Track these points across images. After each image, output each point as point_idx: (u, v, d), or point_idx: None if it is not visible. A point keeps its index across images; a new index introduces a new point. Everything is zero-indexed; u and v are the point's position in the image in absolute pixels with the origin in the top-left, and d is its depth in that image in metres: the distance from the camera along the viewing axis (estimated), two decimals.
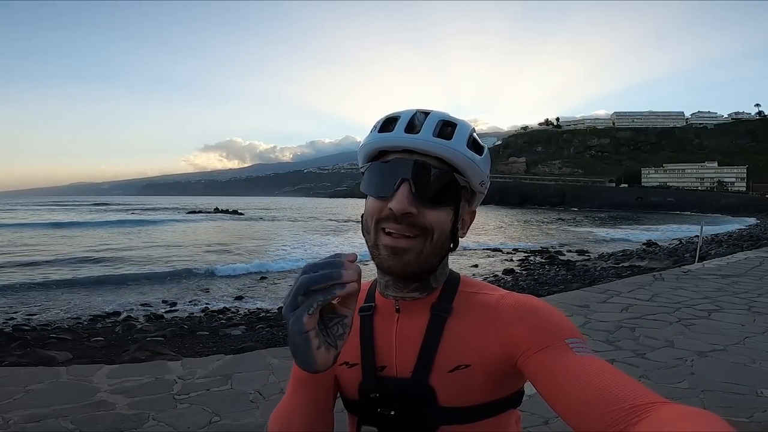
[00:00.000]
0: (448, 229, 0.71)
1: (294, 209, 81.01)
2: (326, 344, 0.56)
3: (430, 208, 0.68)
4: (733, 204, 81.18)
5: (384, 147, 0.72)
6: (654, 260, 14.97)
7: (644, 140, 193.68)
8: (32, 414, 3.11)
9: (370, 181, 0.72)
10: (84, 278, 13.32)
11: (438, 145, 0.68)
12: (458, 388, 0.69)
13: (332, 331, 0.58)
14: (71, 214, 53.43)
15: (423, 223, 0.68)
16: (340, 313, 0.59)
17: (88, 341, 6.97)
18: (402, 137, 0.69)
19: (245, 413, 3.21)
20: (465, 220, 0.76)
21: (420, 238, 0.68)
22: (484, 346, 0.69)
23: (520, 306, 0.69)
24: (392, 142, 0.70)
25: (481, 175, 0.72)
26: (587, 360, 0.59)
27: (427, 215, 0.68)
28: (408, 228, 0.67)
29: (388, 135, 0.70)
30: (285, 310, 0.56)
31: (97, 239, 25.81)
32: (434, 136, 0.68)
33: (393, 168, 0.69)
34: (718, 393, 3.49)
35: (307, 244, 24.11)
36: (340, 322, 0.58)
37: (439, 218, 0.69)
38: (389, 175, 0.69)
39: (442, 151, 0.68)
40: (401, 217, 0.67)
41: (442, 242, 0.71)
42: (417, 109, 0.72)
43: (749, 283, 7.74)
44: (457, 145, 0.69)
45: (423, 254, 0.69)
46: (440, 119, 0.70)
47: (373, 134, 0.73)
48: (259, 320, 8.65)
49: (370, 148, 0.73)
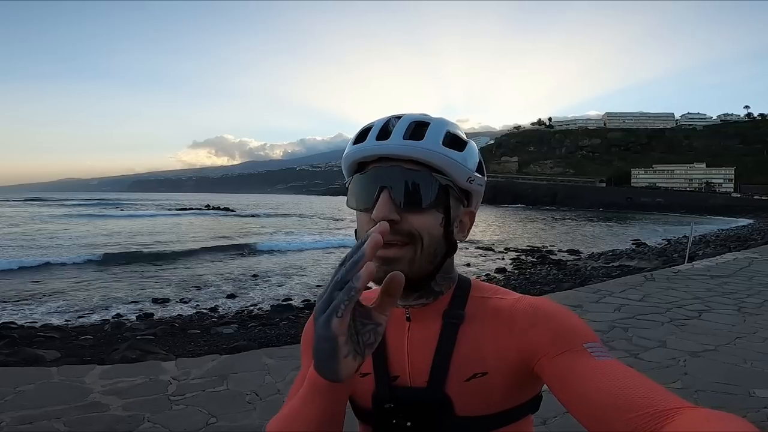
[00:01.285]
0: (439, 233, 0.68)
1: (293, 206, 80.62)
2: (354, 352, 0.51)
3: (414, 213, 0.66)
4: (721, 205, 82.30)
5: (359, 158, 0.70)
6: (643, 260, 15.15)
7: (635, 141, 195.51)
8: (24, 416, 3.06)
9: (352, 195, 0.70)
10: (72, 276, 13.16)
11: (409, 147, 0.66)
12: (476, 397, 0.67)
13: (363, 338, 0.52)
14: (60, 209, 52.66)
15: (408, 229, 0.65)
16: (375, 320, 0.53)
17: (77, 339, 6.88)
18: (373, 145, 0.68)
19: (242, 414, 3.18)
20: (464, 222, 0.73)
21: (410, 246, 0.66)
22: (501, 352, 0.67)
23: (535, 310, 0.68)
24: (365, 152, 0.69)
25: (465, 171, 0.69)
26: (608, 364, 0.58)
27: (412, 220, 0.66)
28: (394, 236, 0.65)
29: (361, 145, 0.69)
30: (317, 310, 0.50)
31: (85, 235, 25.52)
32: (405, 139, 0.66)
33: (371, 178, 0.68)
34: (711, 393, 3.53)
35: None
36: (373, 329, 0.53)
37: (425, 222, 0.66)
38: (369, 186, 0.67)
39: (413, 152, 0.66)
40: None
41: (434, 247, 0.68)
42: (391, 116, 0.70)
43: (738, 284, 7.84)
44: (430, 144, 0.66)
45: (415, 262, 0.66)
46: (412, 121, 0.68)
47: (349, 147, 0.72)
48: (251, 318, 8.62)
49: (348, 162, 0.72)
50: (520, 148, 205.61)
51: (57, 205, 64.01)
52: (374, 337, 0.53)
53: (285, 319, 8.36)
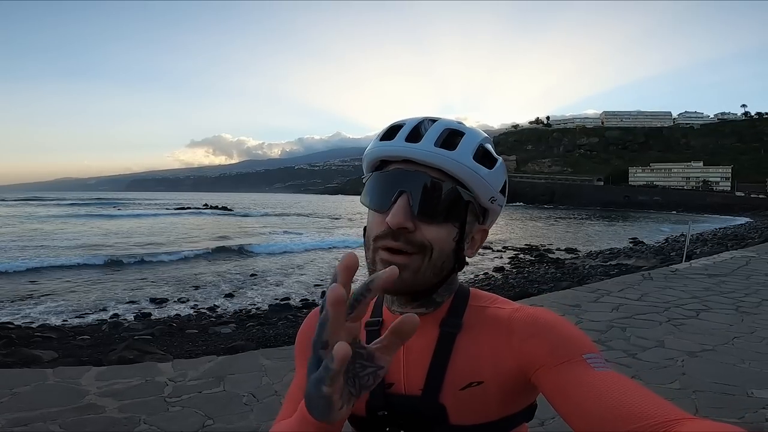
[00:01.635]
0: (450, 248, 0.67)
1: (298, 206, 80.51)
2: (349, 399, 0.46)
3: (430, 224, 0.64)
4: (718, 203, 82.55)
5: (384, 156, 0.68)
6: (641, 259, 15.18)
7: (632, 139, 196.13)
8: (19, 418, 3.04)
9: (368, 193, 0.68)
10: (70, 276, 13.12)
11: (439, 156, 0.64)
12: (471, 406, 0.66)
13: (361, 381, 0.47)
14: (56, 209, 52.50)
15: (421, 240, 0.64)
16: (377, 362, 0.47)
17: (74, 340, 6.86)
18: (401, 146, 0.65)
19: (239, 416, 3.15)
20: (475, 239, 0.72)
21: (418, 256, 0.64)
22: (498, 361, 0.66)
23: (534, 320, 0.66)
24: (392, 151, 0.66)
25: (491, 190, 0.67)
26: (607, 375, 0.57)
27: (426, 231, 0.64)
28: (406, 245, 0.63)
29: (388, 144, 0.67)
30: (309, 362, 0.45)
31: (81, 234, 25.45)
32: (437, 146, 0.64)
33: (392, 179, 0.66)
34: (709, 393, 3.53)
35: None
36: (374, 372, 0.47)
37: (439, 235, 0.65)
38: (388, 187, 0.65)
39: (442, 162, 0.64)
40: (398, 233, 0.63)
41: (442, 262, 0.67)
42: (426, 117, 0.68)
43: (736, 283, 7.84)
44: (461, 157, 0.64)
45: (420, 273, 0.65)
46: (446, 127, 0.66)
47: (375, 142, 0.70)
48: (249, 318, 8.60)
49: (371, 158, 0.70)
50: (518, 146, 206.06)
51: (53, 204, 63.62)
52: (373, 380, 0.48)
53: (283, 318, 8.35)
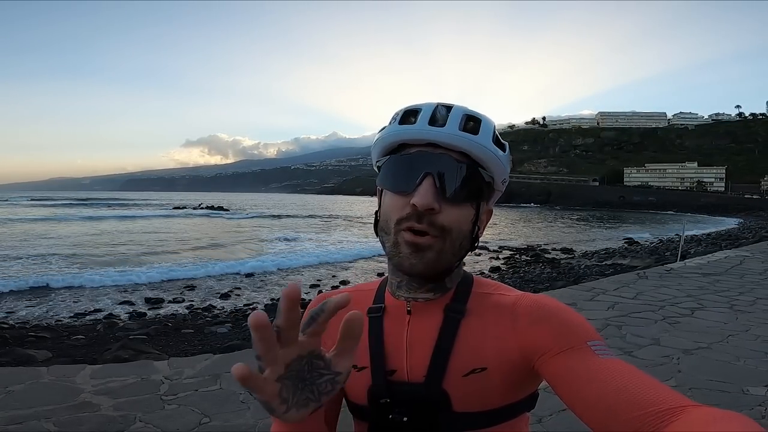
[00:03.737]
0: (468, 229, 0.69)
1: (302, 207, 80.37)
2: (301, 403, 0.46)
3: (453, 206, 0.66)
4: (712, 204, 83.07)
5: (406, 140, 0.69)
6: (636, 258, 15.24)
7: (627, 140, 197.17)
8: (13, 416, 3.02)
9: (388, 175, 0.69)
10: (65, 274, 13.02)
11: (465, 140, 0.66)
12: (474, 393, 0.66)
13: (319, 388, 0.47)
14: (57, 210, 52.08)
15: (442, 221, 0.65)
16: (334, 369, 0.48)
17: (69, 339, 6.81)
18: (427, 130, 0.67)
19: (236, 414, 3.15)
20: (482, 220, 0.73)
21: (439, 238, 0.66)
22: (501, 348, 0.66)
23: (538, 307, 0.67)
24: (416, 134, 0.67)
25: (505, 172, 0.71)
26: (611, 362, 0.57)
27: (448, 213, 0.66)
28: (429, 227, 0.65)
29: (412, 127, 0.68)
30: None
31: (78, 235, 25.29)
32: (460, 130, 0.66)
33: (416, 161, 0.67)
34: (705, 391, 3.55)
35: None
36: (331, 380, 0.48)
37: (459, 216, 0.67)
38: (411, 169, 0.66)
39: (468, 146, 0.66)
40: (423, 214, 0.64)
41: (461, 241, 0.69)
42: (438, 102, 0.70)
43: (730, 282, 7.90)
44: (484, 141, 0.67)
45: (444, 253, 0.67)
46: (464, 113, 0.68)
47: (393, 126, 0.70)
48: (245, 318, 8.53)
49: (390, 141, 0.70)
50: (514, 147, 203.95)
51: (51, 205, 62.78)
52: (332, 386, 0.48)
53: None
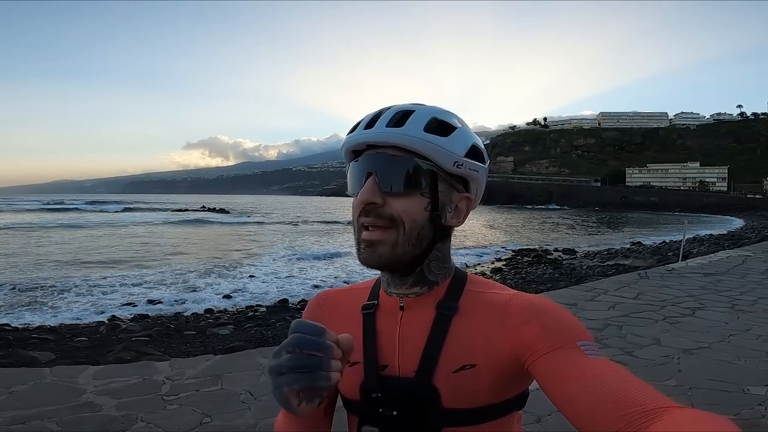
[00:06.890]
0: (423, 218, 0.70)
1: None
2: (308, 398, 0.56)
3: (397, 197, 0.69)
4: (715, 204, 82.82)
5: (351, 147, 0.74)
6: (638, 259, 15.21)
7: (629, 140, 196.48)
8: (16, 416, 3.04)
9: (348, 182, 0.75)
10: (67, 277, 13.07)
11: (392, 135, 0.69)
12: (463, 389, 0.67)
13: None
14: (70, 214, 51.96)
15: (390, 213, 0.68)
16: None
17: (71, 341, 6.84)
18: (360, 134, 0.72)
19: (237, 414, 3.16)
20: (459, 208, 0.74)
21: (392, 230, 0.69)
22: (492, 346, 0.67)
23: (530, 306, 0.68)
24: (353, 140, 0.73)
25: (450, 156, 0.69)
26: (599, 362, 0.58)
27: (394, 204, 0.68)
28: (377, 219, 0.69)
29: (351, 135, 0.74)
30: (270, 369, 0.56)
31: (82, 238, 25.36)
32: (388, 127, 0.69)
33: (362, 165, 0.72)
34: (705, 390, 3.55)
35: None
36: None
37: (408, 207, 0.69)
38: (359, 172, 0.72)
39: (393, 138, 0.69)
40: (368, 208, 0.69)
41: (418, 231, 0.70)
42: (392, 106, 0.73)
43: (732, 282, 7.88)
44: (410, 131, 0.68)
45: (398, 246, 0.69)
46: (398, 110, 0.71)
47: (344, 138, 0.77)
48: (247, 319, 8.59)
49: (343, 151, 0.77)
50: (516, 147, 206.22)
51: (64, 209, 61.97)
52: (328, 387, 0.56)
53: (281, 319, 8.33)
